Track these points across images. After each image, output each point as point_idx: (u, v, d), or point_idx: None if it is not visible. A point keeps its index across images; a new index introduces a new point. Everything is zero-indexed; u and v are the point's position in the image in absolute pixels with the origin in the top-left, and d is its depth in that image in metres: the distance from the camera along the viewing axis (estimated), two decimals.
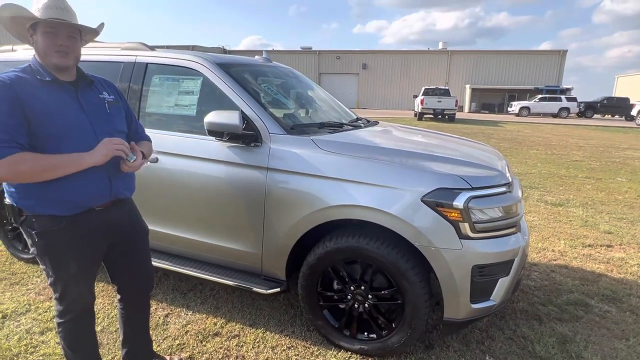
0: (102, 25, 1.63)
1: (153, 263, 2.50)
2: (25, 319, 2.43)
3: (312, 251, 2.17)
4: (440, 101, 20.21)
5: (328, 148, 2.14)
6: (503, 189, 2.07)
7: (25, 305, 2.57)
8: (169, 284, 2.90)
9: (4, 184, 1.50)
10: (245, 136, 2.19)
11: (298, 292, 2.27)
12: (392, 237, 1.99)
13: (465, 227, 1.89)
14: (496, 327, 2.48)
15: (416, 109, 22.07)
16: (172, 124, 2.47)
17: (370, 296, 2.12)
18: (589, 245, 3.84)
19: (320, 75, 37.55)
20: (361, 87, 37.36)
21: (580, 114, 29.43)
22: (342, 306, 2.22)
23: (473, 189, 1.93)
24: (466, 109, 33.88)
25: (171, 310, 2.56)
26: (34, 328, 2.33)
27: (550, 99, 28.51)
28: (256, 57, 3.08)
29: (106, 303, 2.61)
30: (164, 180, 2.41)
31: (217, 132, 2.17)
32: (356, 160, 2.06)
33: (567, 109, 27.71)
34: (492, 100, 35.45)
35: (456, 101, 20.56)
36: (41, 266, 1.58)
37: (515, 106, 28.84)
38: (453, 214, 1.87)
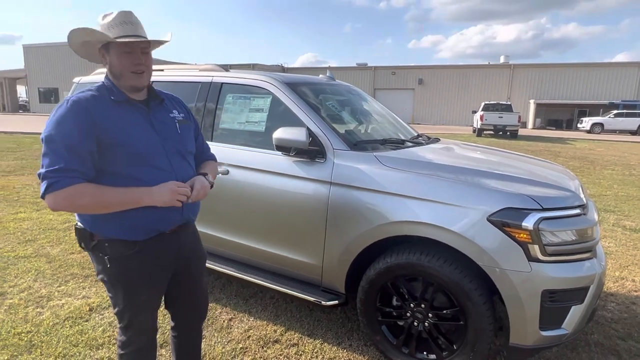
0: (170, 34, 1.54)
1: (219, 269, 2.68)
2: (108, 312, 2.68)
3: (372, 266, 2.20)
4: (502, 117, 19.33)
5: (391, 164, 2.18)
6: (577, 210, 1.97)
7: (107, 300, 2.84)
8: (232, 289, 3.05)
9: None
10: (310, 151, 2.30)
11: (356, 306, 2.30)
12: (455, 256, 1.97)
13: (535, 249, 1.82)
14: (567, 359, 2.31)
15: (475, 125, 21.27)
16: (243, 139, 2.64)
17: (430, 315, 2.09)
18: None
19: (375, 91, 37.57)
20: (416, 102, 36.80)
21: None
22: (401, 323, 2.21)
23: (544, 209, 1.86)
24: (530, 125, 32.03)
25: (234, 315, 2.70)
26: (115, 322, 2.56)
27: (627, 115, 26.12)
28: (320, 76, 3.22)
29: None
30: (233, 190, 2.57)
31: (285, 147, 2.29)
32: (419, 177, 2.07)
33: None
34: (559, 116, 33.20)
35: (519, 117, 19.55)
36: (108, 294, 1.53)
37: (587, 122, 26.75)
38: (522, 235, 1.82)
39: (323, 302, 2.32)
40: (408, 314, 2.16)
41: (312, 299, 2.34)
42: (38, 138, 13.84)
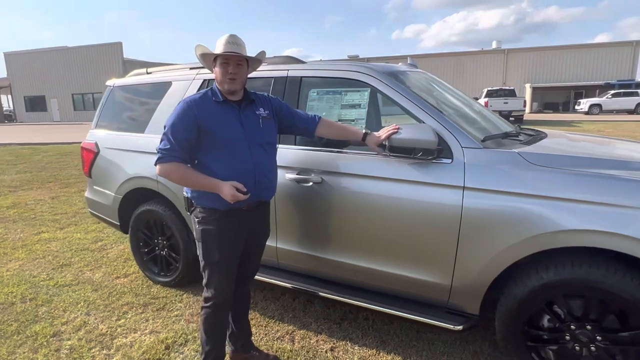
0: (262, 53, 1.92)
1: (320, 294, 2.32)
2: (187, 350, 2.31)
3: (519, 282, 1.86)
4: (507, 102, 19.13)
5: (540, 162, 1.83)
6: None
7: (181, 334, 2.46)
8: (317, 310, 2.69)
9: None
10: (435, 151, 1.94)
11: (496, 330, 1.97)
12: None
13: None
14: None
15: None
16: (337, 141, 2.26)
17: (599, 337, 1.76)
18: None
19: None
20: None
21: None
22: (553, 347, 1.88)
23: None
24: (527, 109, 31.98)
25: (334, 344, 2.34)
26: None
27: (625, 94, 26.18)
28: (400, 63, 2.84)
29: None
30: (330, 202, 2.21)
31: (406, 148, 1.93)
32: (583, 176, 1.73)
33: None
34: (555, 99, 33.24)
35: (524, 101, 19.37)
36: (198, 251, 1.93)
37: (584, 104, 26.77)
38: None
39: (455, 327, 1.98)
40: (567, 337, 1.83)
41: (441, 324, 2.00)
42: (36, 148, 13.27)
